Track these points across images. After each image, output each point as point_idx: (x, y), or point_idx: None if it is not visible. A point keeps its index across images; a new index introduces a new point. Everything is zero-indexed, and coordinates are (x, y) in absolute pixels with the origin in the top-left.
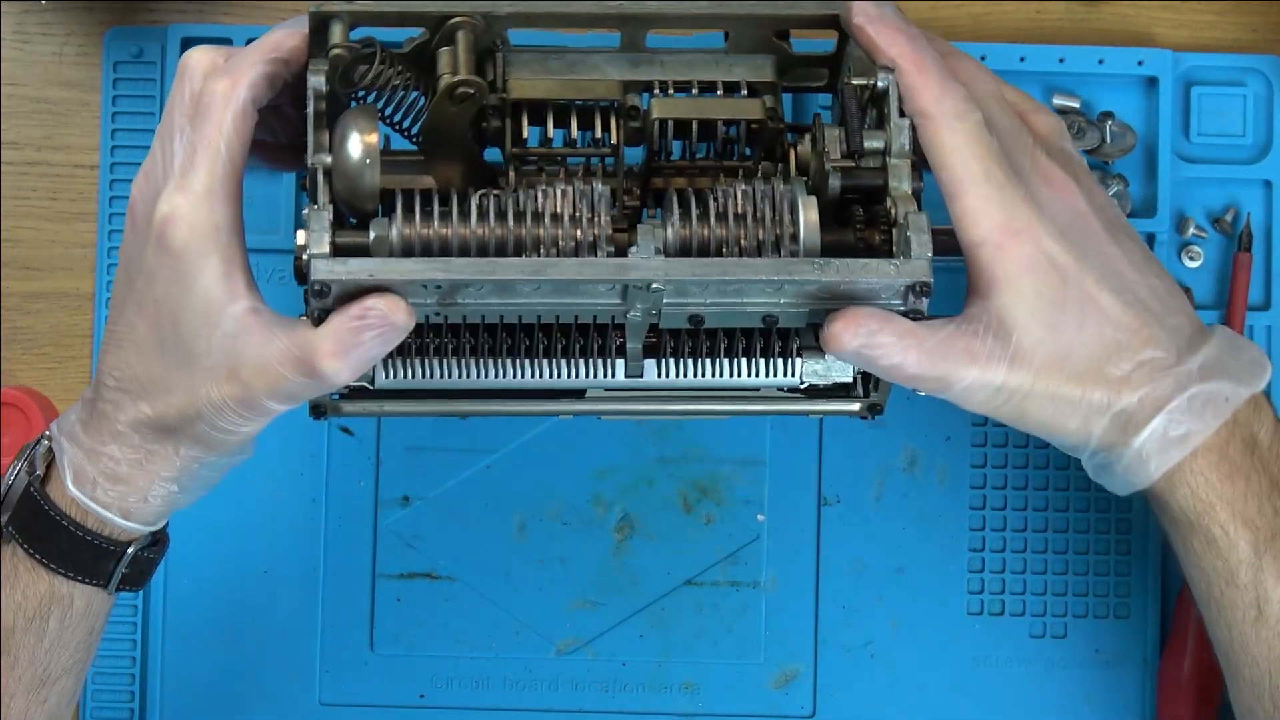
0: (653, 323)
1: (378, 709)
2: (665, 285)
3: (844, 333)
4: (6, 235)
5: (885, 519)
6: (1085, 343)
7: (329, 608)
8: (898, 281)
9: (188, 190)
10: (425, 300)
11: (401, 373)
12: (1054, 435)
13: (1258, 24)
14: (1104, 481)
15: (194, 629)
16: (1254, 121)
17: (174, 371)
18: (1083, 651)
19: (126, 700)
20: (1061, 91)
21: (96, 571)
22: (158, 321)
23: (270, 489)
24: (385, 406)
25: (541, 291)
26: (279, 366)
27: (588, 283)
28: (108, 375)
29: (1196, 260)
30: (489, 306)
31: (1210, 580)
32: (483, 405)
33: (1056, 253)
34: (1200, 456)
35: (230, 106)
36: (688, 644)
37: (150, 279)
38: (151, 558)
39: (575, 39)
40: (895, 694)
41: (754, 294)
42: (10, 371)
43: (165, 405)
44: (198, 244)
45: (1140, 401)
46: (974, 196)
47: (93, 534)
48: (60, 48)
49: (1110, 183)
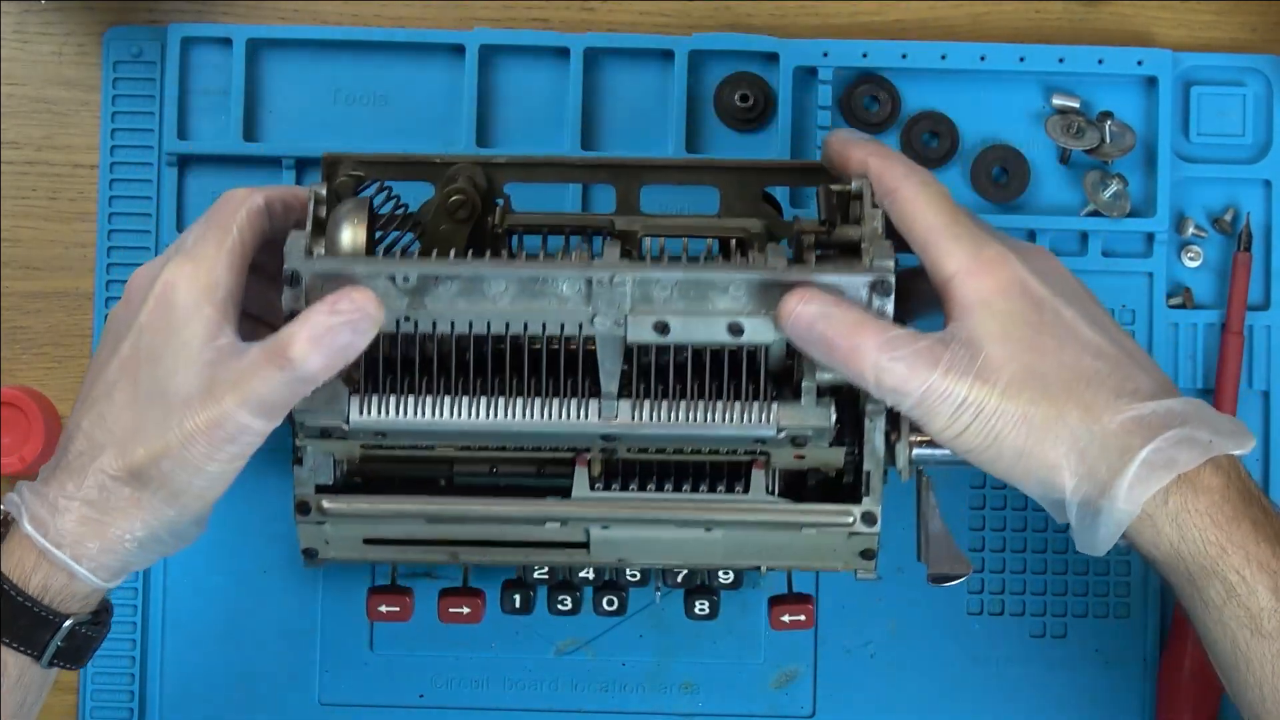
0: (624, 364)
1: (378, 709)
2: (627, 279)
3: (797, 299)
4: (6, 235)
5: (885, 519)
6: (1063, 366)
7: (329, 608)
8: (859, 278)
9: (193, 258)
10: (396, 303)
11: (376, 409)
12: (1032, 471)
13: (1257, 24)
14: (1089, 535)
15: (194, 629)
16: (1254, 121)
17: (147, 414)
18: (1083, 651)
19: (126, 700)
20: (1061, 91)
21: (32, 640)
22: (137, 372)
23: (270, 489)
24: (372, 554)
25: (509, 293)
26: (251, 369)
27: (553, 278)
28: (78, 433)
29: (1196, 260)
30: (458, 312)
31: (1234, 634)
32: (464, 506)
33: (1031, 281)
34: (1202, 496)
35: (246, 203)
36: (688, 644)
37: (139, 334)
38: (90, 635)
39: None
40: (895, 694)
41: (716, 296)
42: (10, 371)
43: (134, 451)
44: (195, 298)
45: (1121, 427)
46: (944, 239)
47: (33, 600)
48: (60, 48)
49: (1110, 183)
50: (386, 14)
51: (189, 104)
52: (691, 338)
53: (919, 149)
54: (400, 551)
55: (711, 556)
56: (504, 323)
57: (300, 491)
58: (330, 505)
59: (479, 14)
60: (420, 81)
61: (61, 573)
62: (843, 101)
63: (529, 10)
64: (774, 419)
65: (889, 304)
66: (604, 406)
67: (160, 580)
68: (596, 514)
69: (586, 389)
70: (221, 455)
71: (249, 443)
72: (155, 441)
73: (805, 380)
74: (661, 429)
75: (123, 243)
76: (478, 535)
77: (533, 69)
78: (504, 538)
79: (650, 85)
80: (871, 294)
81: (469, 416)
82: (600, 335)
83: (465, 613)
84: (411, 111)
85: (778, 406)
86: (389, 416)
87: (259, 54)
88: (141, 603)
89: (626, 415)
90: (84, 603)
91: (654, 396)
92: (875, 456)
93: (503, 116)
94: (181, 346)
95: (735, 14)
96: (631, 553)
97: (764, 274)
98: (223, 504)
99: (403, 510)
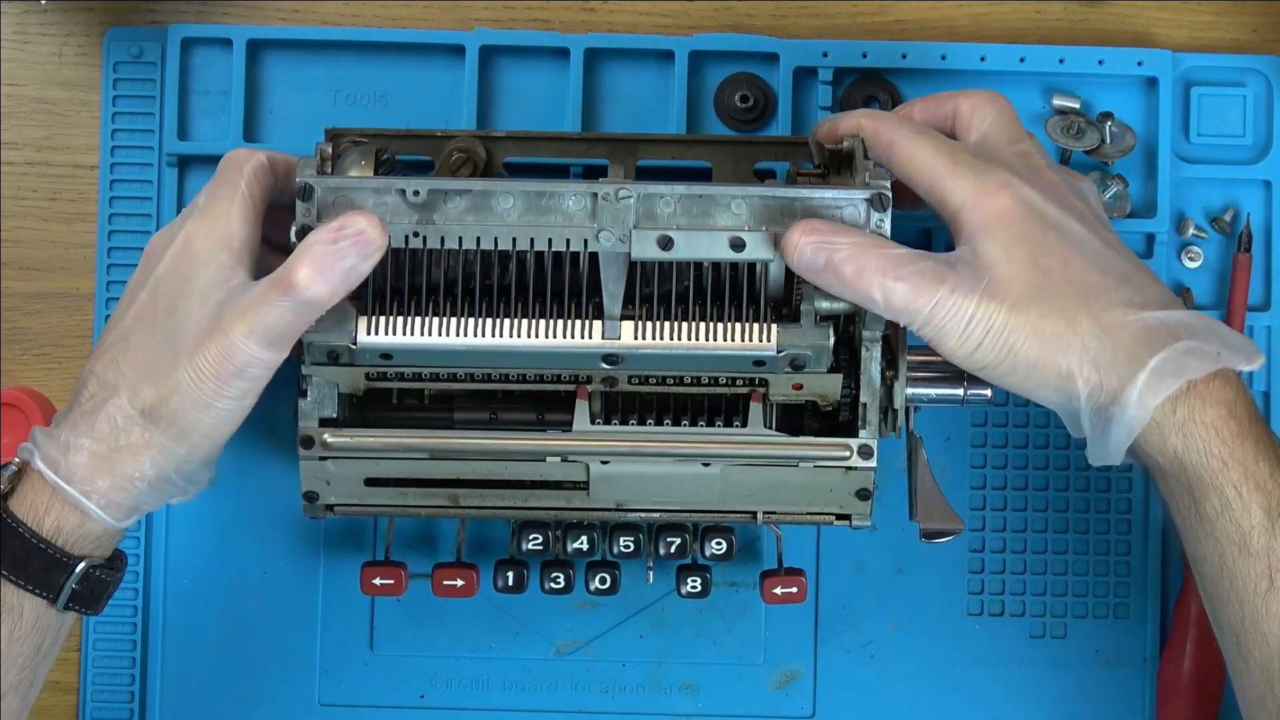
0: (627, 284)
1: (378, 709)
2: (632, 193)
3: (800, 233)
4: (6, 235)
5: (885, 519)
6: (1070, 280)
7: (329, 608)
8: (856, 193)
9: (208, 214)
10: (405, 218)
11: (383, 329)
12: (1047, 381)
13: (1258, 24)
14: (1102, 443)
15: (194, 629)
16: (1254, 121)
17: (160, 355)
18: (1083, 651)
19: (126, 700)
20: (1061, 92)
21: (46, 583)
22: (154, 319)
23: (270, 489)
24: (372, 498)
25: (516, 208)
26: (258, 299)
27: (559, 193)
28: (90, 377)
29: (1196, 260)
30: (466, 227)
31: (1223, 549)
32: (465, 440)
33: (1036, 200)
34: (1209, 409)
35: (250, 161)
36: (688, 644)
37: (156, 286)
38: (106, 579)
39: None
40: (895, 694)
41: (719, 212)
42: (10, 371)
43: (145, 390)
44: (211, 248)
45: (1133, 339)
46: (947, 176)
47: (47, 543)
48: (60, 48)
49: (1110, 183)
50: (386, 14)
51: (189, 104)
52: (694, 253)
53: None
54: (400, 495)
55: (709, 496)
56: (511, 238)
57: (304, 425)
58: (333, 439)
59: (479, 14)
60: (420, 81)
61: (73, 513)
62: (843, 101)
63: (529, 10)
64: (774, 338)
65: (887, 220)
66: (607, 327)
67: (161, 580)
68: (596, 448)
69: (590, 312)
70: (231, 390)
71: (257, 376)
72: (166, 379)
73: (804, 304)
74: (663, 348)
75: (123, 243)
76: (478, 474)
77: (533, 70)
78: (504, 476)
79: (650, 86)
80: (870, 209)
81: (475, 336)
82: (604, 252)
83: (459, 585)
84: (411, 112)
85: (777, 327)
86: (396, 337)
87: (259, 54)
88: (142, 603)
89: (629, 335)
90: (97, 544)
91: (656, 318)
92: (871, 387)
93: (503, 117)
94: (196, 290)
95: (735, 14)
96: (630, 493)
97: (765, 189)
98: (224, 504)
99: (405, 444)
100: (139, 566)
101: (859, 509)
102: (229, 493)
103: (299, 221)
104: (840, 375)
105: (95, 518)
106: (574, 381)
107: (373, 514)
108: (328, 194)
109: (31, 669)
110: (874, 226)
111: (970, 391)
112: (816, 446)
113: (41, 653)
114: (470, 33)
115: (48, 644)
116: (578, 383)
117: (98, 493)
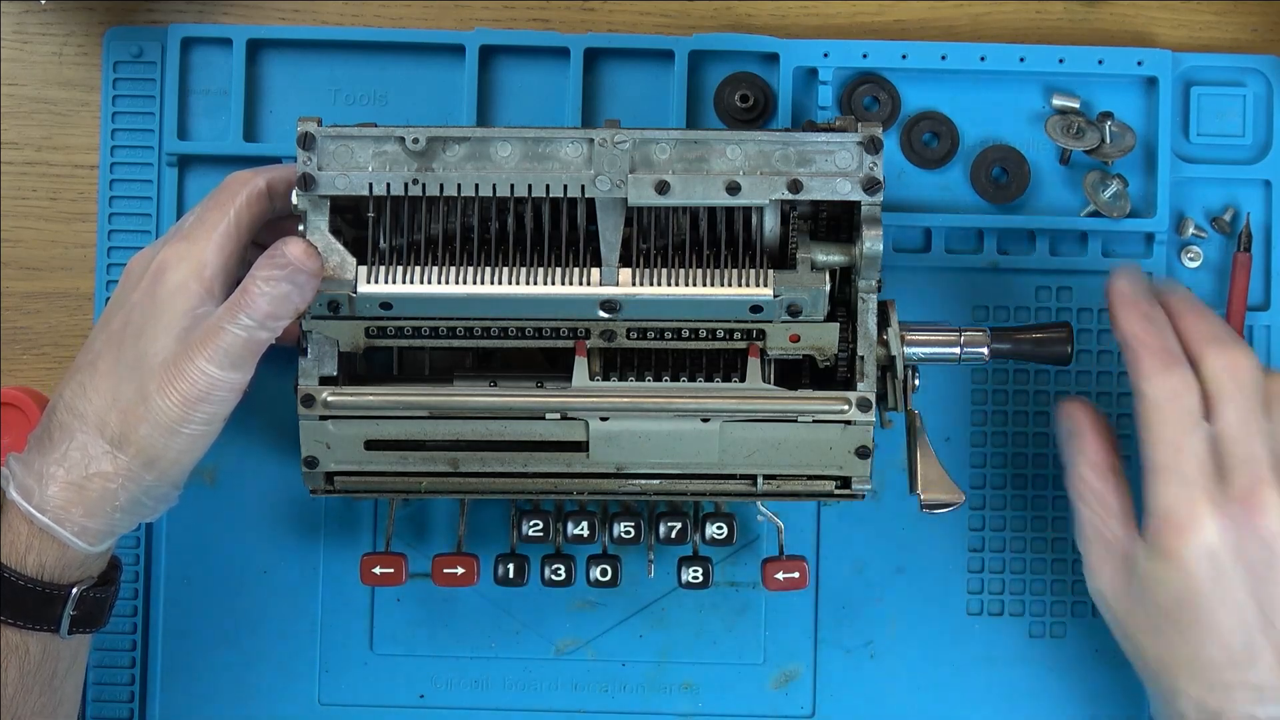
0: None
1: (378, 709)
2: (628, 139)
3: (1064, 407)
4: (6, 235)
5: (885, 519)
6: (1187, 644)
7: (329, 608)
8: (849, 138)
9: (188, 240)
10: (405, 168)
11: (383, 278)
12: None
13: (1257, 24)
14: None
15: (194, 629)
16: (1253, 121)
17: (126, 382)
18: (1083, 651)
19: (126, 700)
20: (1061, 91)
21: (44, 617)
22: (121, 345)
23: (269, 489)
24: (372, 463)
25: (514, 156)
26: (215, 323)
27: (557, 139)
28: (59, 403)
29: (1196, 260)
30: (465, 175)
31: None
32: (465, 397)
33: (1198, 564)
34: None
35: (247, 186)
36: (687, 644)
37: (129, 311)
38: (101, 598)
39: None
40: (895, 694)
41: (714, 157)
42: (10, 371)
43: (112, 418)
44: (183, 277)
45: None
46: (1157, 481)
47: (33, 580)
48: (60, 48)
49: (1110, 183)
50: (386, 14)
51: (189, 104)
52: (690, 198)
53: (919, 149)
54: (401, 459)
55: (708, 456)
56: (509, 185)
57: (305, 384)
58: (334, 398)
59: (479, 14)
60: (420, 81)
61: (53, 545)
62: (843, 101)
63: (529, 10)
64: (770, 283)
65: (879, 161)
66: (605, 274)
67: (160, 580)
68: (595, 404)
69: (589, 260)
70: (197, 415)
71: (222, 399)
72: (134, 407)
73: (800, 253)
74: (661, 294)
75: (123, 243)
76: (479, 435)
77: (533, 69)
78: (504, 436)
79: (650, 86)
80: (863, 153)
81: (473, 284)
82: (601, 199)
83: (460, 573)
84: (411, 111)
85: (774, 273)
86: (395, 286)
87: (259, 54)
88: (142, 603)
89: (627, 282)
90: (84, 567)
91: (654, 265)
92: (868, 338)
93: (503, 117)
94: (163, 318)
95: (735, 14)
96: (629, 454)
97: (759, 134)
98: (223, 504)
99: (405, 400)
100: (139, 567)
101: (859, 469)
102: (228, 493)
103: (300, 169)
104: (837, 325)
105: (72, 547)
106: (573, 336)
107: (373, 487)
108: (326, 143)
109: (52, 692)
110: (867, 170)
111: (966, 350)
112: (814, 400)
113: (59, 675)
114: (470, 32)
115: (64, 666)
116: (576, 337)
117: (72, 521)
